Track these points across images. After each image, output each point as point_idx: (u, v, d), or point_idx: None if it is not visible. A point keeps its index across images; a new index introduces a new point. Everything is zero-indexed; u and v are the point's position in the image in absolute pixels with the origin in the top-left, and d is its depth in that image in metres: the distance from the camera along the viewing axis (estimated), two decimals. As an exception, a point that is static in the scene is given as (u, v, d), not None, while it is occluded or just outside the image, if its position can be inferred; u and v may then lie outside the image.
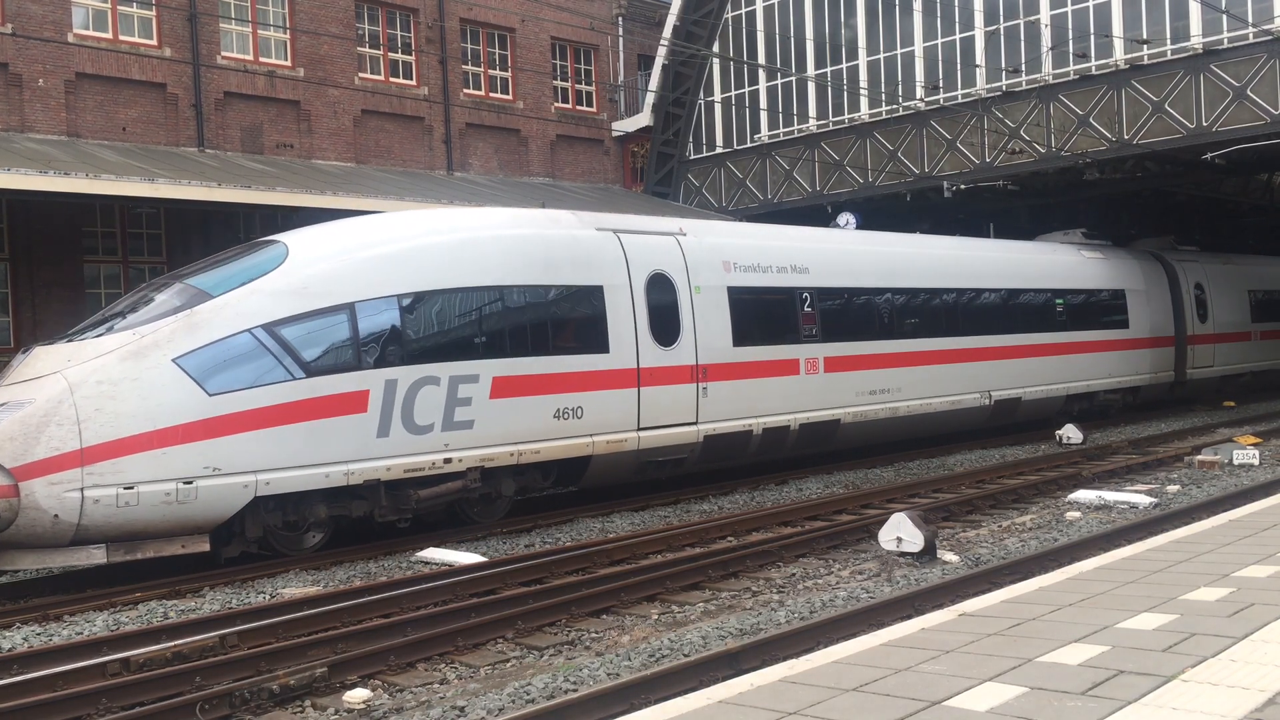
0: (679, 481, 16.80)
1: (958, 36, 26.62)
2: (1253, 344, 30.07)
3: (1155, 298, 26.14)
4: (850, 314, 18.41)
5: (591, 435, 14.41)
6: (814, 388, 17.48)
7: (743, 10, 30.68)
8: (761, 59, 30.08)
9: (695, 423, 15.70)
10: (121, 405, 11.00)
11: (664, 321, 15.42)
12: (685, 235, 16.29)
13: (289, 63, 25.50)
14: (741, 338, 16.41)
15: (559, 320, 14.37)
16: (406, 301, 12.88)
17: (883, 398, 18.66)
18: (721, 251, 16.61)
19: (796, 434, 17.25)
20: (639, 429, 14.97)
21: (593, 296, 14.66)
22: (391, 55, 27.51)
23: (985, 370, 20.86)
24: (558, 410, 14.04)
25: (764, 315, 17.00)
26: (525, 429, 13.74)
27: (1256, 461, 16.96)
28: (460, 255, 13.59)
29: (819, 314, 17.72)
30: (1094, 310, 24.10)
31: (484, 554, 12.31)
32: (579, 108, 31.94)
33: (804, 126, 29.49)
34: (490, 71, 29.60)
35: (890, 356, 18.90)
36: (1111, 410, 24.63)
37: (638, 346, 15.00)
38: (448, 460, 13.03)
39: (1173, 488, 15.29)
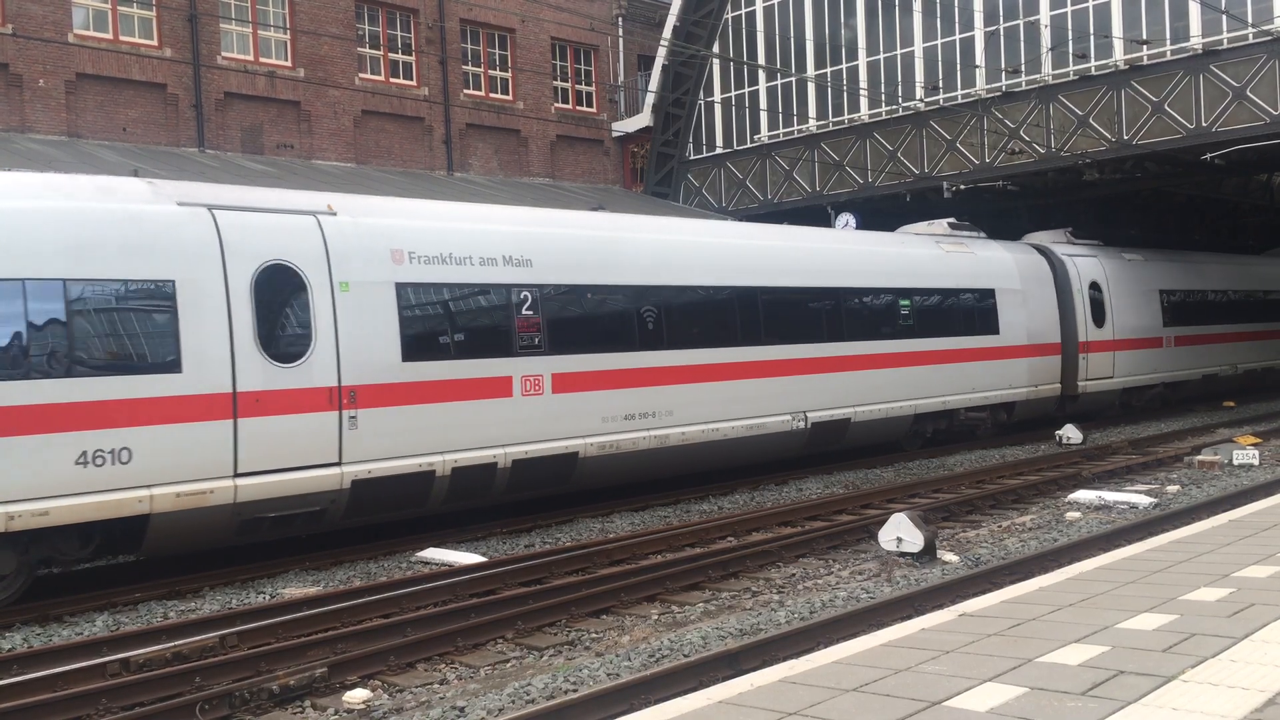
0: (678, 482, 16.74)
1: (958, 37, 26.63)
2: (1165, 351, 26.46)
3: (1035, 298, 22.76)
4: (595, 318, 14.90)
5: (149, 486, 10.73)
6: (536, 413, 13.98)
7: (743, 10, 30.69)
8: (761, 59, 30.09)
9: (338, 463, 12.14)
10: None
11: (283, 329, 11.92)
12: (334, 215, 12.73)
13: (289, 63, 25.51)
14: (418, 350, 12.96)
15: (92, 328, 10.61)
16: None
17: (646, 423, 15.24)
18: (391, 237, 13.07)
19: (509, 473, 13.76)
20: (236, 474, 11.34)
21: (158, 295, 11.03)
22: (391, 55, 27.52)
23: (798, 386, 17.34)
24: (84, 453, 10.32)
25: (457, 320, 13.53)
26: (22, 483, 10.01)
27: (1256, 461, 16.98)
28: None
29: (545, 318, 14.18)
30: (952, 313, 20.72)
31: (484, 554, 12.31)
32: (579, 108, 31.95)
33: (804, 127, 29.50)
34: (490, 72, 29.61)
35: (656, 371, 15.39)
36: (979, 431, 21.38)
37: (235, 363, 11.38)
38: None
39: (1173, 488, 15.31)
